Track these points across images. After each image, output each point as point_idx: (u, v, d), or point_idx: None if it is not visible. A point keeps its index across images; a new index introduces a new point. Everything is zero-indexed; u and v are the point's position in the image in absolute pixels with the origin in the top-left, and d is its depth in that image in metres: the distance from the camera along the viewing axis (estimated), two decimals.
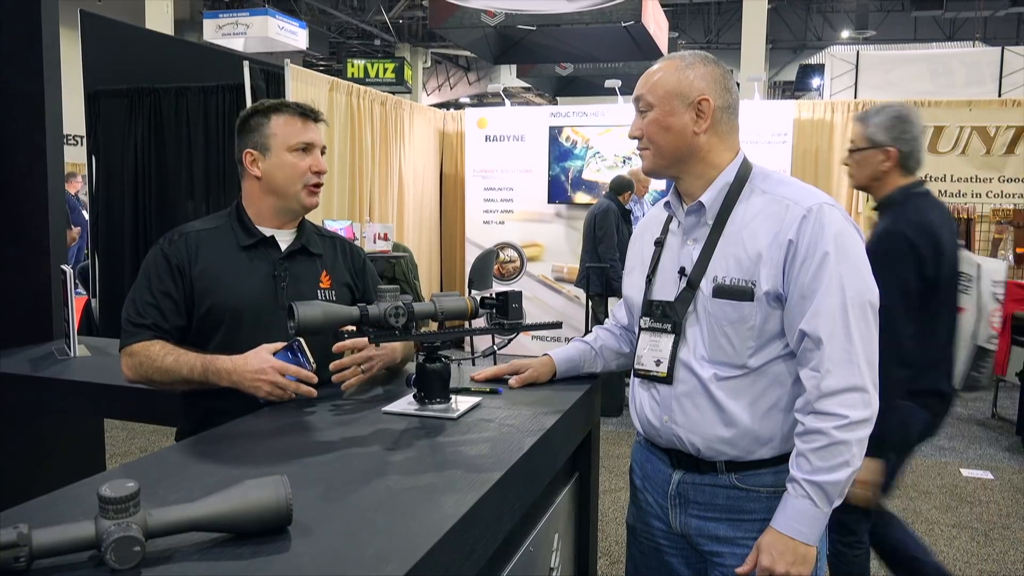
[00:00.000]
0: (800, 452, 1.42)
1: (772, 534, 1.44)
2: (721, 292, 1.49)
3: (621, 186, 6.15)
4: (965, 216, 6.27)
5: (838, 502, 1.43)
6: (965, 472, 4.53)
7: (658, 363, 1.56)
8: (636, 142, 1.59)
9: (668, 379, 1.55)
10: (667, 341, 1.56)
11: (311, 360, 1.69)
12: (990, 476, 4.47)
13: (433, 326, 1.68)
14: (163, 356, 1.77)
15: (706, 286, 1.51)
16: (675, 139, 1.52)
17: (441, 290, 7.85)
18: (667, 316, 1.56)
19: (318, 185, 1.93)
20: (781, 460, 1.51)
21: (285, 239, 1.94)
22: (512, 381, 1.84)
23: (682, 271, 1.56)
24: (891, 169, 2.39)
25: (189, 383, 1.78)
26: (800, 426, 1.43)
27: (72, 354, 2.59)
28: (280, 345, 1.71)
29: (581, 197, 7.25)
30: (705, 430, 1.52)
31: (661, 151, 1.55)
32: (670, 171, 1.58)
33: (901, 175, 2.42)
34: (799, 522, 1.41)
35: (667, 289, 1.59)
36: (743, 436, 1.50)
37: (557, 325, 1.79)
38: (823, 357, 1.41)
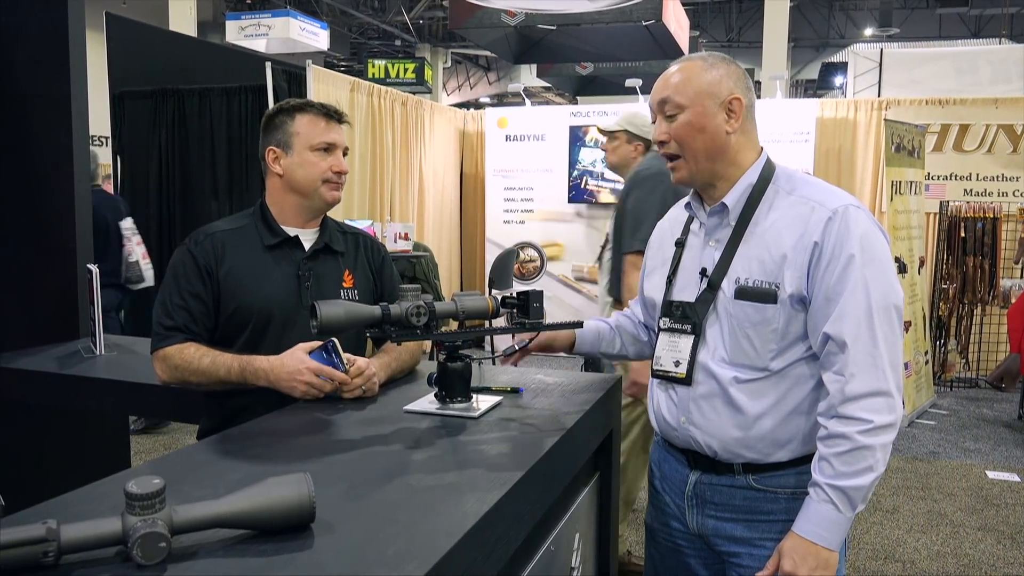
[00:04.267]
0: (823, 456, 1.41)
1: (794, 539, 1.42)
2: (744, 294, 1.48)
3: None
4: (991, 215, 6.18)
5: (861, 507, 1.41)
6: (991, 474, 4.47)
7: (677, 364, 1.56)
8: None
9: (687, 380, 1.54)
10: (687, 342, 1.55)
11: (344, 362, 1.70)
12: (1016, 479, 4.41)
13: (454, 325, 1.69)
14: (199, 358, 1.79)
15: (728, 287, 1.50)
16: (709, 140, 1.50)
17: (461, 289, 7.87)
18: (687, 317, 1.55)
19: (339, 183, 1.94)
20: (799, 462, 1.50)
21: (308, 238, 1.95)
22: (531, 345, 1.80)
23: (703, 272, 1.55)
24: None
25: (226, 384, 1.79)
26: (823, 430, 1.42)
27: (98, 352, 2.62)
28: (315, 344, 1.73)
29: (605, 197, 7.23)
30: (723, 433, 1.51)
31: (696, 155, 1.51)
32: (705, 176, 1.54)
33: None
34: (821, 527, 1.40)
35: (688, 290, 1.58)
36: (762, 439, 1.49)
37: (578, 325, 1.78)
38: (848, 361, 1.39)
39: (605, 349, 1.86)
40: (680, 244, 1.64)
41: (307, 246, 1.94)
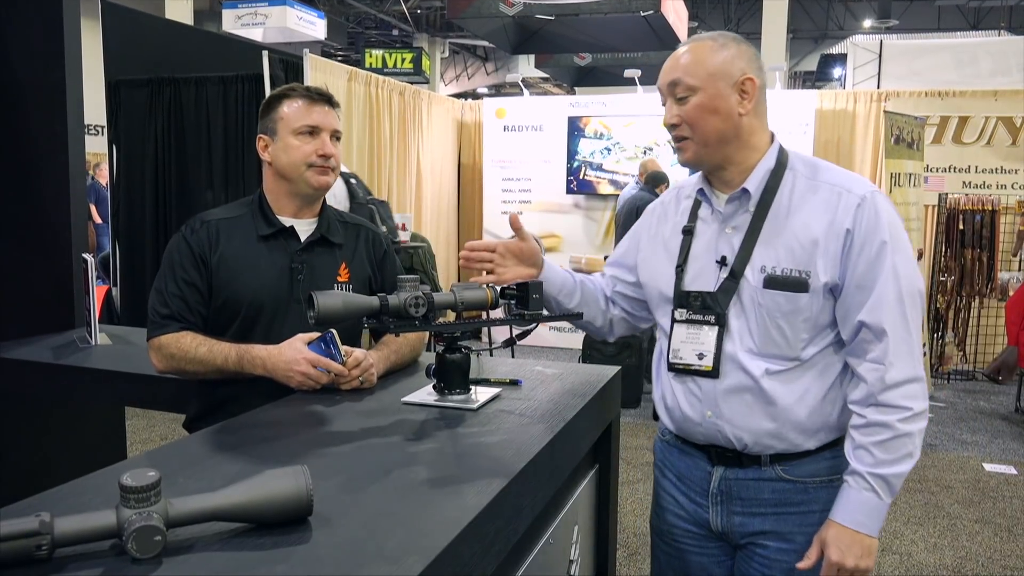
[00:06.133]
0: (861, 445, 1.41)
1: (836, 528, 1.42)
2: (773, 283, 1.44)
3: (658, 178, 6.08)
4: (989, 208, 6.17)
5: (898, 487, 1.42)
6: (988, 467, 4.48)
7: (701, 356, 1.51)
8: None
9: (714, 373, 1.49)
10: (709, 333, 1.50)
11: (342, 353, 1.69)
12: (1013, 471, 4.42)
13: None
14: (196, 347, 1.78)
15: (753, 276, 1.46)
16: (721, 122, 1.45)
17: (459, 280, 7.85)
18: (708, 307, 1.50)
19: (326, 167, 1.89)
20: (826, 448, 1.50)
21: (305, 229, 1.93)
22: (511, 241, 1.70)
23: (722, 260, 1.50)
24: None
25: (223, 372, 1.78)
26: (859, 418, 1.41)
27: (93, 342, 2.61)
28: (315, 335, 1.72)
29: (605, 188, 7.22)
30: (753, 425, 1.48)
31: (706, 138, 1.47)
32: (715, 159, 1.50)
33: None
34: (863, 515, 1.40)
35: (704, 279, 1.52)
36: (792, 429, 1.47)
37: (577, 316, 1.76)
38: (887, 349, 1.39)
39: (562, 299, 1.73)
40: (689, 232, 1.58)
41: (303, 237, 1.91)
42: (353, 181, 4.08)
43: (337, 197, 3.96)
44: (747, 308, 1.47)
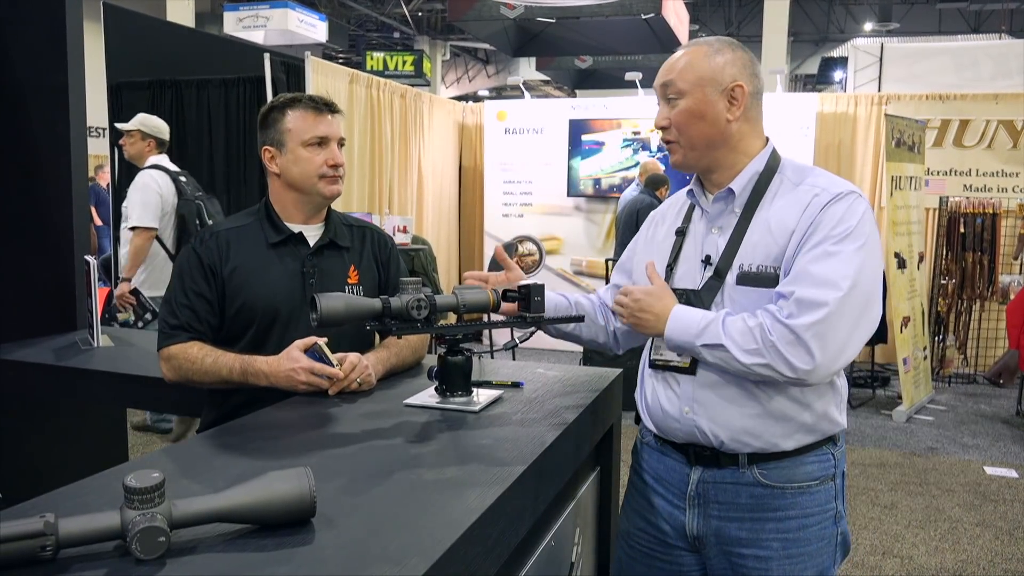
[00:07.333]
0: (729, 325, 1.41)
1: (663, 299, 1.48)
2: (745, 279, 1.46)
3: (658, 180, 6.07)
4: (991, 211, 6.17)
5: (704, 353, 1.42)
6: (989, 470, 4.48)
7: (680, 353, 1.52)
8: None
9: (691, 369, 1.51)
10: None
11: (332, 359, 1.72)
12: (1015, 474, 4.42)
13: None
14: (202, 358, 1.80)
15: (731, 274, 1.48)
16: (708, 128, 1.48)
17: (460, 283, 7.85)
18: (691, 304, 1.51)
19: (336, 176, 1.92)
20: (803, 452, 1.48)
21: (313, 234, 1.94)
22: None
23: (707, 259, 1.52)
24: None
25: (229, 383, 1.80)
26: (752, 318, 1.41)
27: (95, 344, 2.61)
28: (310, 342, 1.73)
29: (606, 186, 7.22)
30: (730, 421, 1.48)
31: (692, 141, 1.50)
32: (702, 163, 1.53)
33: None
34: (685, 319, 1.44)
35: (690, 278, 1.54)
36: (767, 425, 1.46)
37: (579, 319, 1.77)
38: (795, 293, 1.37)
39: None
40: (682, 233, 1.60)
41: (311, 242, 1.93)
42: (183, 179, 4.27)
43: (164, 195, 4.17)
44: (725, 307, 1.48)
